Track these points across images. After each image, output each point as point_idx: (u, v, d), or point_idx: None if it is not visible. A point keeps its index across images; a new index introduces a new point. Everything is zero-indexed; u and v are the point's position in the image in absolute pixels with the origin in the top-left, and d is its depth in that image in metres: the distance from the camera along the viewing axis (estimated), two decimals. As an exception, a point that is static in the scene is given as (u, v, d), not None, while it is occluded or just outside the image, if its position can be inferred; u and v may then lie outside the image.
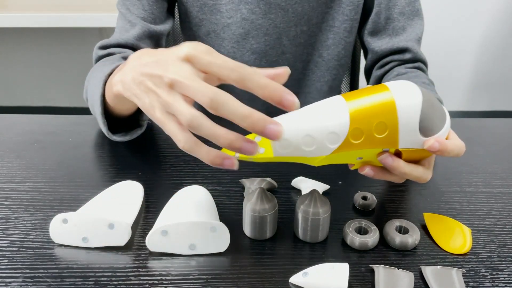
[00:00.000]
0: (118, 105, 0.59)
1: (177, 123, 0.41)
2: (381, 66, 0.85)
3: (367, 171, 0.49)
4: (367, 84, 0.92)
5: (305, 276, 0.46)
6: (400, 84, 0.46)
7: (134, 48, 0.75)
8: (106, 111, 0.62)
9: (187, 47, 0.41)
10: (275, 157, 0.45)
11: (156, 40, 0.80)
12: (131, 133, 0.66)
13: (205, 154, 0.41)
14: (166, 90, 0.41)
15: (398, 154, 0.48)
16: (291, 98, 0.39)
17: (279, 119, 0.45)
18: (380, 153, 0.47)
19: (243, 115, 0.39)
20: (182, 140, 0.41)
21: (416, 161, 0.49)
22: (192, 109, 0.40)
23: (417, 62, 0.83)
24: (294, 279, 0.46)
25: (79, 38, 2.25)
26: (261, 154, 0.45)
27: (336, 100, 0.46)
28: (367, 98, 0.45)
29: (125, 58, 0.72)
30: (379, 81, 0.85)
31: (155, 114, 0.42)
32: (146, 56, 0.45)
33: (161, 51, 0.45)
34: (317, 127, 0.44)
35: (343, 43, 0.86)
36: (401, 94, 0.45)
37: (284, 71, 0.43)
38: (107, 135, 0.63)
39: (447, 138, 0.48)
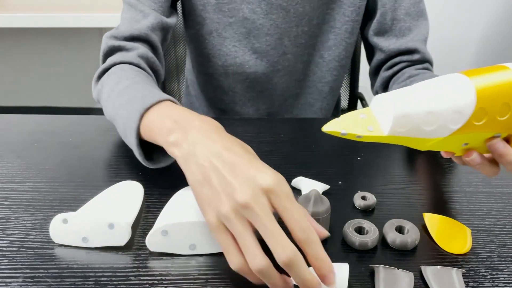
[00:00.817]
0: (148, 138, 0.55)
1: (231, 240, 0.41)
2: (390, 67, 0.84)
3: (474, 157, 0.47)
4: (371, 86, 0.91)
5: None
6: None
7: (146, 40, 0.73)
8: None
9: (272, 179, 0.40)
10: (387, 136, 0.41)
11: (165, 34, 0.79)
12: (165, 160, 0.58)
13: (257, 281, 0.41)
14: (234, 206, 0.40)
15: (506, 140, 0.45)
16: (333, 279, 0.41)
17: (397, 93, 0.41)
18: (490, 139, 0.44)
19: (309, 283, 0.40)
20: (238, 263, 0.41)
21: None
22: (263, 256, 0.39)
23: (425, 63, 0.83)
24: (292, 280, 0.46)
25: (79, 38, 2.25)
26: (370, 133, 0.41)
27: (459, 77, 0.42)
28: (491, 76, 0.42)
29: (140, 57, 0.70)
30: (387, 82, 0.85)
31: (210, 215, 0.42)
32: (218, 141, 0.45)
33: (237, 147, 0.44)
34: (442, 104, 0.41)
35: (344, 44, 0.86)
36: None
37: (324, 235, 0.45)
38: (143, 163, 0.57)
39: None
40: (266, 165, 0.43)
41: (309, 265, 0.40)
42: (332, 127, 0.42)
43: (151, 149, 0.59)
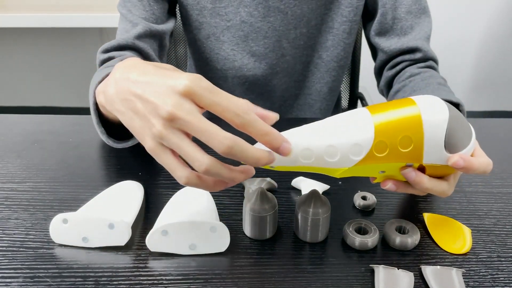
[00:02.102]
0: (109, 114, 0.55)
1: (174, 156, 0.41)
2: (392, 67, 0.84)
3: (389, 186, 0.48)
4: (377, 85, 0.91)
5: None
6: (427, 99, 0.45)
7: (134, 48, 0.75)
8: (104, 117, 0.59)
9: (187, 80, 0.39)
10: (296, 166, 0.45)
11: (160, 40, 0.79)
12: (133, 139, 0.60)
13: (211, 185, 0.41)
14: (162, 122, 0.39)
15: (421, 168, 0.47)
16: (288, 146, 0.41)
17: (302, 129, 0.45)
18: (403, 167, 0.46)
19: (260, 159, 0.40)
20: (183, 176, 0.40)
21: (439, 176, 0.48)
22: (204, 155, 0.39)
23: (428, 61, 0.82)
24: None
25: (79, 38, 2.25)
26: (282, 165, 0.45)
27: (361, 112, 0.45)
28: (393, 112, 0.44)
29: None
30: (390, 81, 0.85)
31: (147, 141, 0.41)
32: (135, 71, 0.43)
33: (153, 68, 0.43)
34: (341, 138, 0.44)
35: (342, 45, 0.86)
36: (428, 109, 0.44)
37: (273, 117, 0.43)
38: (107, 142, 0.59)
39: (472, 155, 0.47)
40: (180, 71, 0.42)
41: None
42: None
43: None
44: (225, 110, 0.39)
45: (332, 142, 0.44)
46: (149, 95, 0.40)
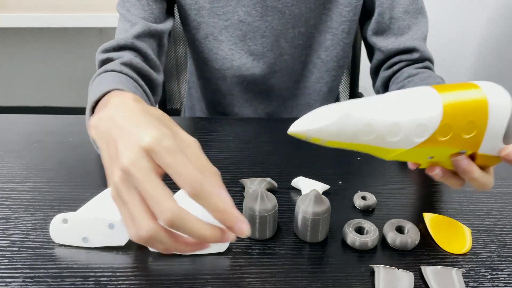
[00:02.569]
0: None
1: (137, 202, 0.37)
2: (389, 67, 0.84)
3: (437, 172, 0.47)
4: (373, 85, 0.91)
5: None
6: (490, 84, 0.43)
7: (133, 48, 0.75)
8: None
9: (152, 137, 0.37)
10: (350, 143, 0.41)
11: (159, 39, 0.79)
12: None
13: (158, 248, 0.38)
14: (120, 174, 0.37)
15: (471, 157, 0.45)
16: (245, 226, 0.37)
17: (364, 102, 0.41)
18: (455, 154, 0.44)
19: (207, 237, 0.37)
20: (130, 234, 0.37)
21: (482, 168, 0.47)
22: (148, 220, 0.36)
23: (425, 61, 0.82)
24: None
25: (79, 38, 2.25)
26: (336, 140, 0.41)
27: (428, 90, 0.42)
28: (459, 93, 0.42)
29: (124, 64, 0.70)
30: (387, 82, 0.85)
31: (110, 186, 0.39)
32: (120, 112, 0.42)
33: (135, 114, 0.41)
34: (407, 116, 0.41)
35: (341, 44, 0.86)
36: (493, 94, 0.42)
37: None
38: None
39: None
40: (153, 121, 0.39)
41: None
42: (299, 129, 0.40)
43: None
44: (179, 175, 0.36)
45: (397, 120, 0.40)
46: (119, 142, 0.39)
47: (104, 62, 0.73)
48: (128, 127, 0.39)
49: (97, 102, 0.56)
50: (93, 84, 0.67)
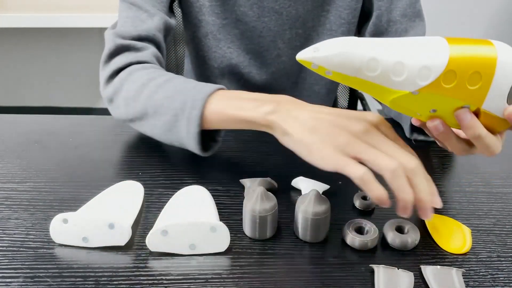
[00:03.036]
0: (223, 127, 0.58)
1: (351, 160, 0.46)
2: None
3: (437, 124, 0.47)
4: None
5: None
6: (503, 44, 0.44)
7: (154, 40, 0.72)
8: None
9: (377, 116, 0.48)
10: (354, 77, 0.43)
11: (167, 35, 0.77)
12: (212, 149, 0.61)
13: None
14: (353, 134, 0.46)
15: (475, 114, 0.45)
16: (431, 213, 0.46)
17: (374, 39, 0.43)
18: (459, 108, 0.45)
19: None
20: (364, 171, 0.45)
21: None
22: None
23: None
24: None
25: (79, 38, 2.25)
26: (341, 72, 0.43)
27: (437, 39, 0.43)
28: (470, 46, 0.43)
29: (154, 57, 0.70)
30: None
31: (325, 152, 0.47)
32: (314, 108, 0.52)
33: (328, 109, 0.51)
34: (412, 56, 0.42)
35: None
36: (504, 52, 0.43)
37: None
38: (198, 153, 0.59)
39: None
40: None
41: None
42: (306, 56, 0.42)
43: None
44: (401, 147, 0.47)
45: (403, 59, 0.42)
46: (339, 121, 0.48)
47: (124, 48, 0.69)
48: (343, 114, 0.50)
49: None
50: (143, 77, 0.64)
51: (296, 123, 0.50)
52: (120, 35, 0.70)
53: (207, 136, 0.62)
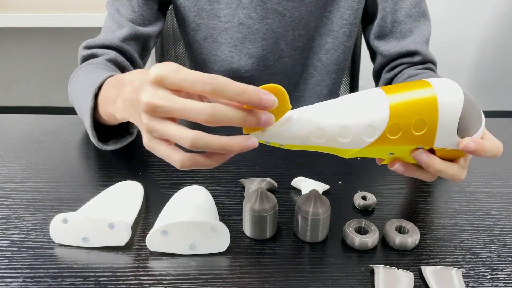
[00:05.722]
0: (113, 120, 0.57)
1: (166, 145, 0.41)
2: (391, 69, 0.84)
3: (397, 167, 0.47)
4: (375, 87, 0.91)
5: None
6: (442, 82, 0.44)
7: (118, 49, 0.75)
8: (95, 120, 0.61)
9: (155, 69, 0.40)
10: (306, 145, 0.44)
11: (144, 42, 0.80)
12: (121, 141, 0.63)
13: (207, 161, 0.41)
14: (145, 115, 0.41)
15: (431, 152, 0.46)
16: (270, 97, 0.39)
17: (315, 107, 0.43)
18: (414, 150, 0.45)
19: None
20: (177, 160, 0.40)
21: (449, 161, 0.48)
22: (190, 131, 0.39)
23: (427, 63, 0.82)
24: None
25: (79, 38, 2.24)
26: (292, 143, 0.44)
27: (376, 93, 0.44)
28: (408, 93, 0.43)
29: (109, 61, 0.72)
30: (389, 83, 0.85)
31: (143, 137, 0.43)
32: (121, 82, 0.48)
33: (129, 75, 0.47)
34: (355, 119, 0.43)
35: (342, 47, 0.86)
36: (444, 92, 0.43)
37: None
38: (97, 145, 0.60)
39: (482, 138, 0.47)
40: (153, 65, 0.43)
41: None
42: (257, 138, 0.42)
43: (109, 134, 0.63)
44: (194, 83, 0.39)
45: (346, 122, 0.43)
46: (130, 93, 0.44)
47: (88, 57, 0.74)
48: (135, 77, 0.45)
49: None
50: (79, 75, 0.68)
51: (119, 104, 0.48)
52: (86, 46, 0.76)
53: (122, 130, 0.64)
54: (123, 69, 0.74)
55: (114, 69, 0.71)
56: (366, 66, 0.94)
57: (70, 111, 0.72)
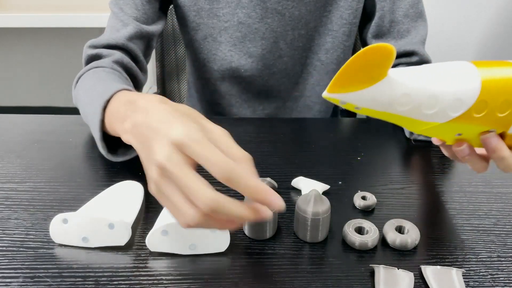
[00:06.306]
0: (118, 135, 0.54)
1: (178, 194, 0.40)
2: None
3: (464, 148, 0.46)
4: None
5: None
6: None
7: (124, 49, 0.75)
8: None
9: (180, 130, 0.40)
10: (384, 112, 0.41)
11: (148, 41, 0.80)
12: (130, 152, 0.61)
13: (219, 227, 0.41)
14: (156, 170, 0.40)
15: (500, 136, 0.45)
16: (279, 202, 0.39)
17: (405, 71, 0.40)
18: (485, 132, 0.44)
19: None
20: (190, 217, 0.39)
21: (510, 148, 0.47)
22: (193, 209, 0.39)
23: (424, 64, 0.83)
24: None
25: (79, 38, 2.24)
26: (371, 108, 0.40)
27: (467, 66, 0.42)
28: (500, 70, 0.42)
29: (115, 62, 0.71)
30: None
31: (150, 187, 0.42)
32: (150, 110, 0.44)
33: (142, 99, 0.46)
34: (445, 89, 0.40)
35: (342, 47, 0.86)
36: None
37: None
38: (106, 156, 0.59)
39: None
40: (180, 117, 0.42)
41: None
42: (334, 95, 0.40)
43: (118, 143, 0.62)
44: (210, 163, 0.38)
45: (436, 92, 0.40)
46: (152, 138, 0.42)
47: (94, 58, 0.74)
48: (159, 126, 0.42)
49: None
50: (88, 79, 0.67)
51: (132, 139, 0.46)
52: (91, 45, 0.75)
53: None
54: (129, 71, 0.74)
55: (121, 73, 0.71)
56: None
57: (70, 111, 0.72)
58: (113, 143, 0.61)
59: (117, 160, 0.60)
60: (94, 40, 0.76)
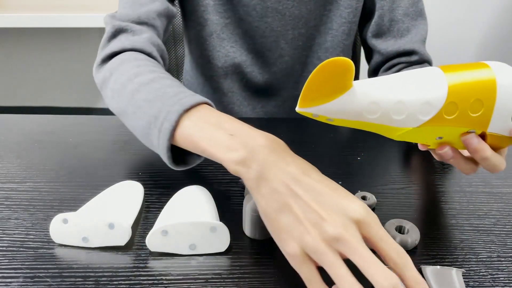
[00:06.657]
0: (194, 150, 0.50)
1: (316, 271, 0.39)
2: (388, 68, 0.85)
3: (446, 151, 0.46)
4: None
5: None
6: (499, 65, 0.44)
7: (153, 25, 0.70)
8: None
9: (362, 209, 0.39)
10: (356, 121, 0.42)
11: (168, 23, 0.75)
12: (189, 163, 0.56)
13: None
14: (324, 238, 0.38)
15: (482, 137, 0.45)
16: None
17: (369, 81, 0.41)
18: (465, 134, 0.44)
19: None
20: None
21: (494, 149, 0.47)
22: (360, 285, 0.37)
23: (424, 63, 0.83)
24: None
25: (79, 38, 2.25)
26: (342, 118, 0.41)
27: (433, 71, 0.43)
28: (466, 73, 0.42)
29: (154, 45, 0.66)
30: None
31: (289, 243, 0.40)
32: (300, 168, 0.42)
33: (321, 178, 0.42)
34: (412, 94, 0.41)
35: (341, 46, 0.86)
36: (502, 74, 0.42)
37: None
38: (169, 165, 0.54)
39: None
40: (350, 193, 0.41)
41: None
42: (306, 109, 0.41)
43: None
44: (390, 246, 0.38)
45: (402, 98, 0.41)
46: (317, 206, 0.39)
47: (121, 30, 0.67)
48: (328, 193, 0.40)
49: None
50: (143, 74, 0.58)
51: (266, 191, 0.42)
52: (118, 17, 0.69)
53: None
54: (162, 54, 0.69)
55: (157, 57, 0.65)
56: (365, 65, 0.94)
57: (70, 111, 0.71)
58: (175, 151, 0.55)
59: (179, 169, 0.55)
60: (118, 13, 0.69)
